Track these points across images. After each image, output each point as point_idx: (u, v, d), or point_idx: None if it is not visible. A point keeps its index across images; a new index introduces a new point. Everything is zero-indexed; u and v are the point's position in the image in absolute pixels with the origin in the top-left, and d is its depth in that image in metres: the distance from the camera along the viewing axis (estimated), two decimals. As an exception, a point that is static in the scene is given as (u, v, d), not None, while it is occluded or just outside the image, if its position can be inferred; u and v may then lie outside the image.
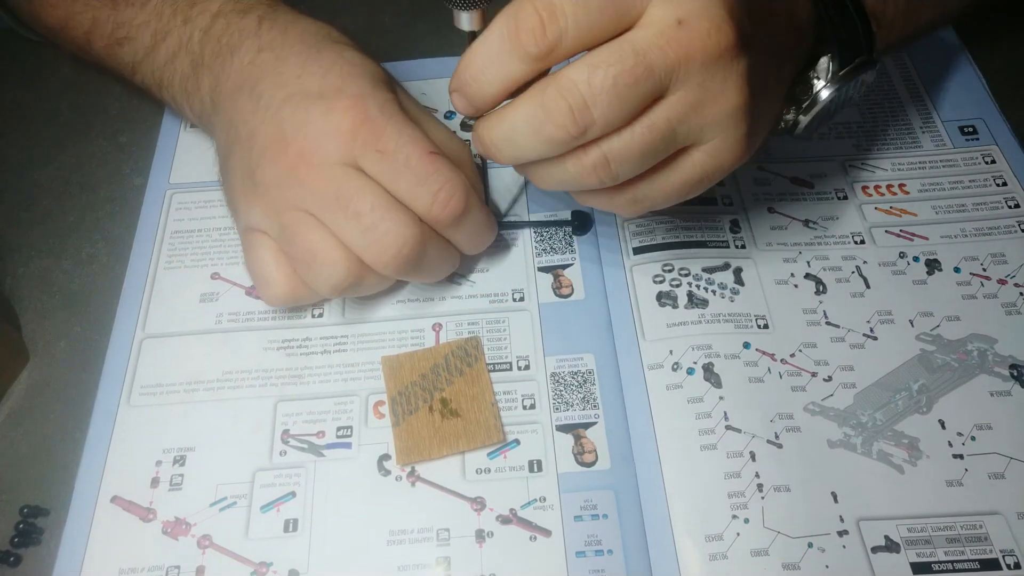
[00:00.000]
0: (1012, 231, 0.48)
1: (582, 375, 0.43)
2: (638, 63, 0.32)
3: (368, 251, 0.39)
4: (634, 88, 0.33)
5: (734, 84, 0.34)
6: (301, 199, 0.39)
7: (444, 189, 0.39)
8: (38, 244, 0.49)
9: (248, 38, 0.43)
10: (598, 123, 0.33)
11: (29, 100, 0.56)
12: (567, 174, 0.37)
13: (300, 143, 0.39)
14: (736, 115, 0.34)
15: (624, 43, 0.32)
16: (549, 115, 0.33)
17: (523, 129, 0.35)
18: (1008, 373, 0.42)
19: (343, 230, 0.39)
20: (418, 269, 0.41)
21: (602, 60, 0.32)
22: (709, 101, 0.34)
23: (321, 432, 0.41)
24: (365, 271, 0.40)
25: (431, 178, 0.39)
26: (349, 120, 0.39)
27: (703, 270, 0.46)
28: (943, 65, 0.56)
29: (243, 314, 0.45)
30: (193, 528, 0.39)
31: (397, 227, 0.38)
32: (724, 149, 0.36)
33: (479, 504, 0.39)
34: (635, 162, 0.35)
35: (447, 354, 0.43)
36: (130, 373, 0.43)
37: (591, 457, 0.41)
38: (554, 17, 0.32)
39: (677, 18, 0.32)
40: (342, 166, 0.39)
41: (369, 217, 0.38)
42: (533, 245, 0.48)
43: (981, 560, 0.37)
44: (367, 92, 0.40)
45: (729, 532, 0.38)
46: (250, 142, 0.41)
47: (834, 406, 0.42)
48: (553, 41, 0.32)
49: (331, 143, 0.39)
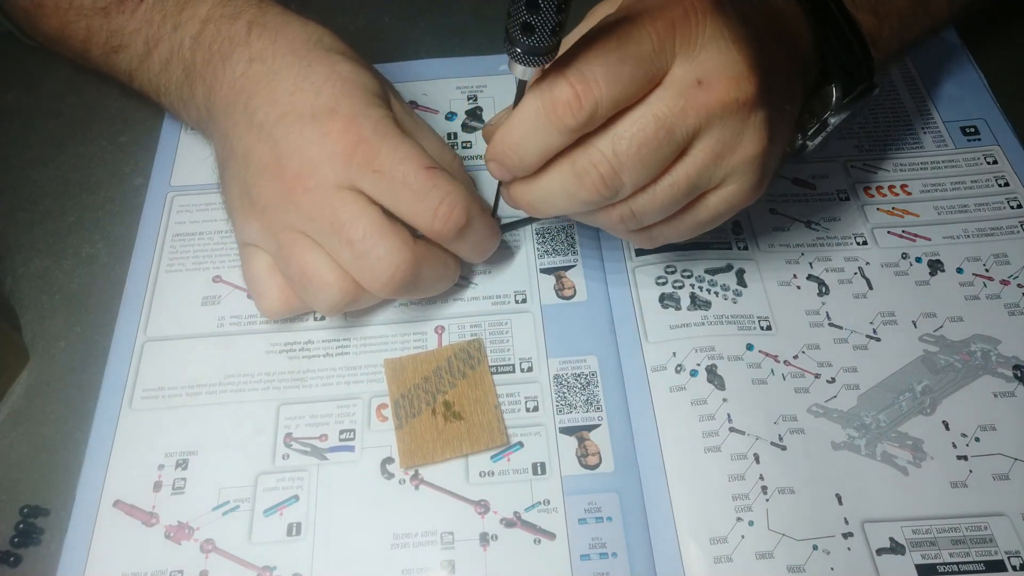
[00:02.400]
0: (1014, 231, 0.48)
1: (585, 377, 0.43)
2: (659, 128, 0.34)
3: (362, 276, 0.39)
4: (657, 152, 0.34)
5: (752, 134, 0.35)
6: (297, 221, 0.39)
7: (444, 203, 0.39)
8: (38, 244, 0.49)
9: (238, 47, 0.43)
10: (627, 186, 0.35)
11: (29, 100, 0.56)
12: (596, 221, 0.40)
13: (296, 166, 0.39)
14: (754, 162, 0.36)
15: (647, 110, 0.34)
16: (582, 183, 0.35)
17: (559, 193, 0.36)
18: (1012, 374, 0.42)
19: (338, 254, 0.39)
20: (413, 290, 0.41)
21: (626, 130, 0.34)
22: (727, 152, 0.35)
23: (324, 435, 0.41)
24: (360, 291, 0.40)
25: (430, 194, 0.39)
26: (344, 143, 0.39)
27: (706, 272, 0.46)
28: (944, 66, 0.56)
29: (245, 317, 0.45)
30: (196, 532, 0.39)
31: (390, 254, 0.38)
32: (740, 192, 0.37)
33: (483, 507, 0.39)
34: (658, 213, 0.37)
35: (450, 356, 0.43)
36: (132, 376, 0.43)
37: (595, 460, 0.40)
38: (588, 89, 0.33)
39: (697, 78, 0.34)
40: (338, 189, 0.39)
41: (362, 244, 0.38)
42: (535, 247, 0.48)
43: (986, 562, 0.37)
44: (360, 112, 0.40)
45: (734, 535, 0.38)
46: (246, 160, 0.41)
47: (838, 408, 0.42)
48: (590, 113, 0.33)
49: (327, 166, 0.39)
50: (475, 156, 0.52)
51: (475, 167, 0.51)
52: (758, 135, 0.35)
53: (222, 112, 0.43)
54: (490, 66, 0.56)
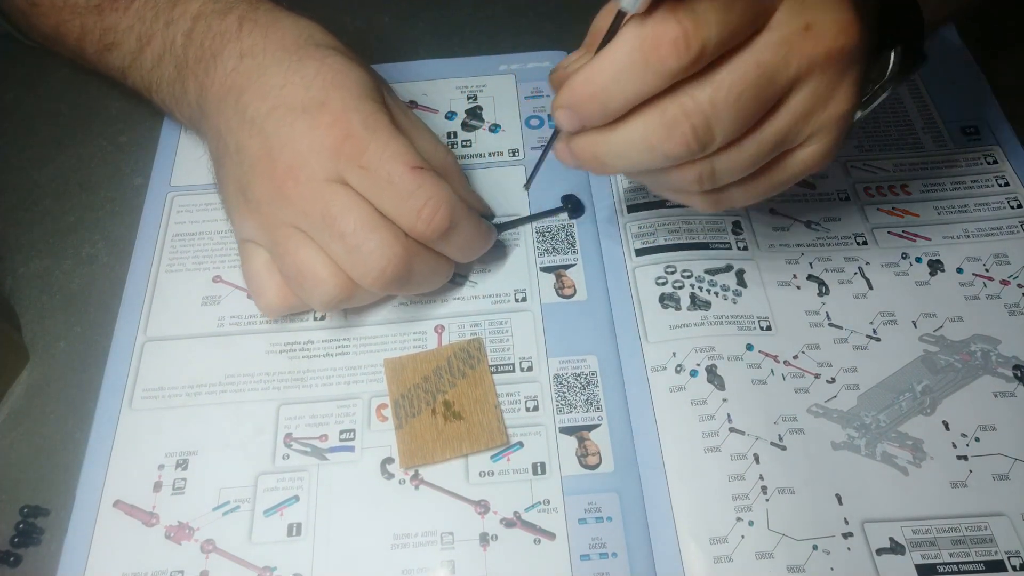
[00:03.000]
0: (1015, 231, 0.48)
1: (585, 377, 0.43)
2: (761, 77, 0.31)
3: (354, 270, 0.39)
4: (755, 103, 0.32)
5: (846, 89, 0.33)
6: (290, 216, 0.39)
7: (428, 205, 0.39)
8: (38, 244, 0.49)
9: (229, 42, 0.43)
10: (717, 140, 0.33)
11: (29, 100, 0.56)
12: (663, 182, 0.37)
13: (287, 160, 0.39)
14: (840, 120, 0.34)
15: (750, 56, 0.31)
16: (670, 135, 0.32)
17: (638, 146, 0.33)
18: (1012, 374, 0.42)
19: (330, 248, 0.39)
20: (406, 284, 0.41)
21: (726, 77, 0.31)
22: (819, 107, 0.33)
23: (324, 436, 0.41)
24: (355, 287, 0.40)
25: (415, 195, 0.39)
26: (332, 137, 0.39)
27: (705, 272, 0.46)
28: (945, 65, 0.56)
29: (245, 317, 0.45)
30: (196, 533, 0.39)
31: (381, 247, 0.38)
32: (819, 153, 0.35)
33: (483, 507, 0.39)
34: (739, 172, 0.35)
35: (449, 356, 0.43)
36: (132, 376, 0.43)
37: (595, 460, 0.40)
38: (698, 28, 0.30)
39: (805, 23, 0.31)
40: (329, 183, 0.39)
41: (353, 237, 0.38)
42: (535, 245, 0.48)
43: (986, 562, 0.37)
44: (351, 106, 0.40)
45: (734, 535, 0.38)
46: (239, 156, 0.41)
47: (838, 408, 0.42)
48: (696, 54, 0.30)
49: (316, 160, 0.39)
50: (474, 155, 0.52)
51: (474, 165, 0.51)
52: (850, 91, 0.33)
53: (214, 108, 0.43)
54: (490, 66, 0.56)
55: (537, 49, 0.57)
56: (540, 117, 0.54)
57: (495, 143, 0.52)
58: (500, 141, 0.53)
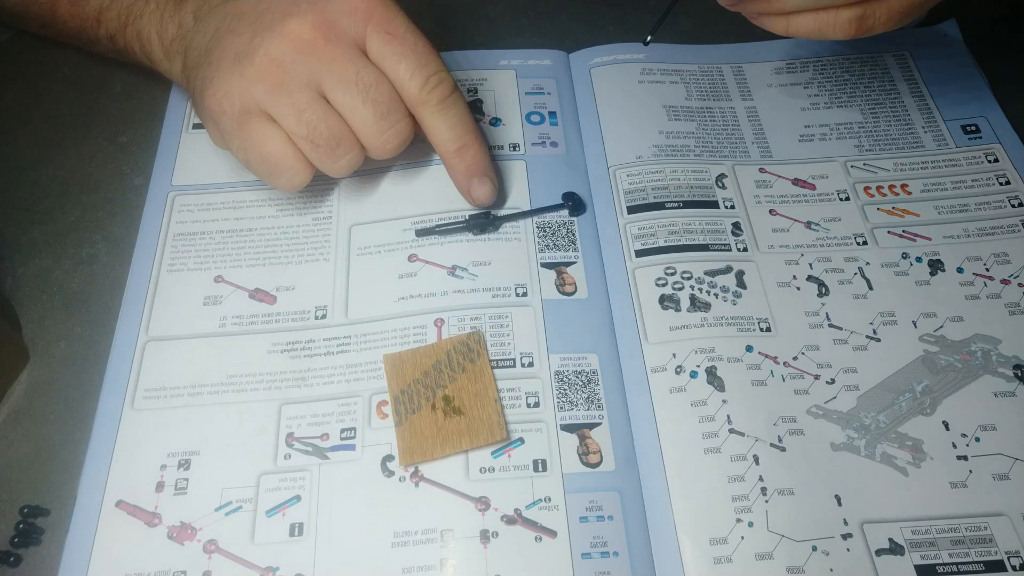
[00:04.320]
0: (1015, 230, 0.48)
1: (586, 375, 0.43)
2: None
3: (377, 139, 0.43)
4: None
5: None
6: (315, 74, 0.41)
7: (439, 75, 0.43)
8: (38, 244, 0.49)
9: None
10: None
11: (29, 100, 0.56)
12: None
13: (316, 17, 0.41)
14: None
15: None
16: None
17: None
18: (1012, 374, 0.42)
19: (356, 111, 0.42)
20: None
21: None
22: None
23: (325, 435, 0.41)
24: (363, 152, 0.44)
25: (432, 63, 0.43)
26: (366, 2, 0.42)
27: (705, 273, 0.46)
28: (945, 64, 0.56)
29: (247, 317, 0.45)
30: (199, 533, 0.39)
31: (404, 122, 0.43)
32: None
33: (483, 504, 0.39)
34: None
35: (449, 350, 0.43)
36: (133, 376, 0.43)
37: (596, 458, 0.41)
38: None
39: None
40: (355, 47, 0.42)
41: (386, 106, 0.42)
42: (536, 240, 0.48)
43: (986, 562, 0.37)
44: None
45: (733, 535, 0.38)
46: (257, 21, 0.42)
47: (837, 409, 0.42)
48: None
49: (348, 21, 0.42)
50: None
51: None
52: None
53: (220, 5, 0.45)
54: (491, 60, 0.56)
55: (537, 48, 0.57)
56: (541, 113, 0.54)
57: (496, 137, 0.52)
58: (501, 135, 0.53)
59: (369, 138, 0.43)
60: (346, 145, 0.43)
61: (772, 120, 0.53)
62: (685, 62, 0.56)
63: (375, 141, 0.43)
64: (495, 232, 0.48)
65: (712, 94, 0.55)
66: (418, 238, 0.47)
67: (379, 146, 0.43)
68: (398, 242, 0.48)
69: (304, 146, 0.43)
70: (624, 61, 0.56)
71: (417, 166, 0.51)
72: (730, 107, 0.54)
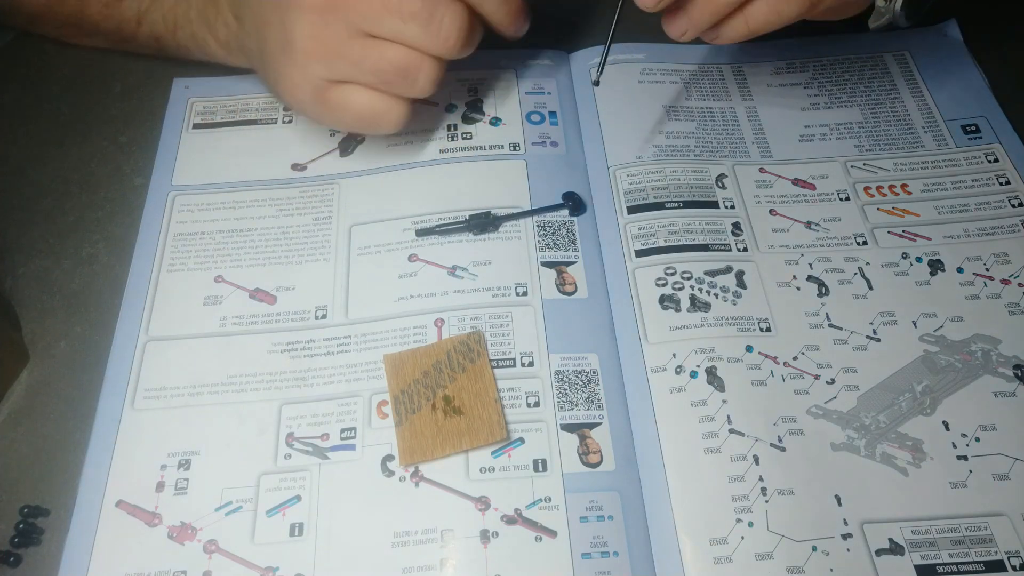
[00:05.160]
0: (1015, 230, 0.48)
1: (586, 375, 0.43)
2: None
3: (435, 42, 0.42)
4: None
5: None
6: (350, 24, 0.41)
7: None
8: (38, 244, 0.49)
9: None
10: None
11: (29, 100, 0.55)
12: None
13: None
14: None
15: None
16: None
17: None
18: (1012, 374, 0.42)
19: (405, 33, 0.42)
20: (474, 43, 0.44)
21: None
22: None
23: (325, 435, 0.41)
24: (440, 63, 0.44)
25: None
26: None
27: (705, 273, 0.46)
28: (945, 64, 0.56)
29: (247, 317, 0.45)
30: (199, 533, 0.39)
31: (452, 13, 0.42)
32: None
33: (484, 504, 0.39)
34: None
35: (449, 350, 0.43)
36: (134, 376, 0.43)
37: (596, 458, 0.41)
38: None
39: None
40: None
41: (424, 10, 0.41)
42: (536, 239, 0.48)
43: (986, 562, 0.37)
44: None
45: (733, 536, 0.38)
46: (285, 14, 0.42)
47: (837, 409, 0.42)
48: None
49: None
50: (475, 147, 0.52)
51: (475, 158, 0.51)
52: None
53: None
54: (491, 60, 0.56)
55: (537, 48, 0.57)
56: (541, 113, 0.54)
57: (496, 136, 0.52)
58: (501, 135, 0.53)
59: (431, 47, 0.42)
60: (415, 66, 0.43)
61: (772, 120, 0.53)
62: (685, 62, 0.56)
63: (438, 45, 0.42)
64: (495, 232, 0.48)
65: (712, 94, 0.55)
66: (418, 238, 0.48)
67: (442, 45, 0.42)
68: (398, 242, 0.48)
69: (382, 88, 0.43)
70: (624, 61, 0.56)
71: (417, 166, 0.51)
72: (730, 107, 0.54)
